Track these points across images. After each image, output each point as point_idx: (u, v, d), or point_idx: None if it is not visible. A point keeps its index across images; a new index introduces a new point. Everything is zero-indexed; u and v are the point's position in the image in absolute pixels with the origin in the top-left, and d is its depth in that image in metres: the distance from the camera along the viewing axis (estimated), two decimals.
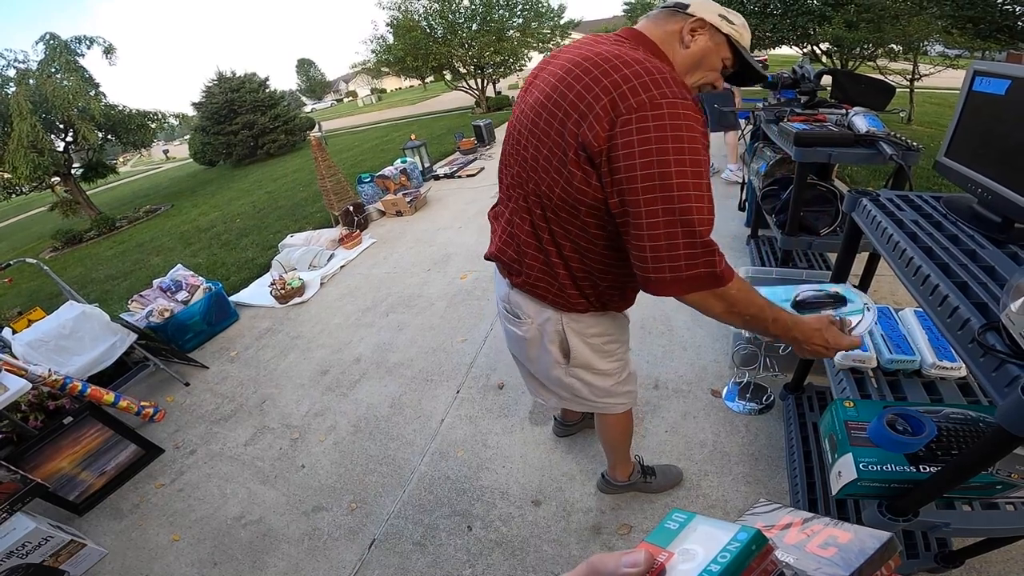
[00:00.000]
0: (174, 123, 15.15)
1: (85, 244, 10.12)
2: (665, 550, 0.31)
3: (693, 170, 0.89)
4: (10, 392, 2.25)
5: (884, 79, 2.56)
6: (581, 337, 1.30)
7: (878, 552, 0.33)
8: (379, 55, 15.96)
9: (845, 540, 0.34)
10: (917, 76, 8.25)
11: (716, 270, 0.94)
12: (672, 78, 0.92)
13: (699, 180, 0.90)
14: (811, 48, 10.03)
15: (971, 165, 1.13)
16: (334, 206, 5.62)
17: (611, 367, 1.40)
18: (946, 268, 0.94)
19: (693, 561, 0.30)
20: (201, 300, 3.74)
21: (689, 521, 0.33)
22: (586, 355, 1.34)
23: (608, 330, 1.33)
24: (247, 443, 2.63)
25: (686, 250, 0.92)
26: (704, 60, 1.07)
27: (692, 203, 0.90)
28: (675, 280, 0.95)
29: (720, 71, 1.10)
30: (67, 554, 2.05)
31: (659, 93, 0.89)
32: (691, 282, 0.95)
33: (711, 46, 1.06)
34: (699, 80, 1.10)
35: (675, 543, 0.32)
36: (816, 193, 2.42)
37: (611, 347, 1.36)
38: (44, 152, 10.80)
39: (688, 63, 1.07)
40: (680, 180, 0.89)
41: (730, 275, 0.97)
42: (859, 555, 0.33)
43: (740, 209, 4.09)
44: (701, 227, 0.91)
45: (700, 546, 0.31)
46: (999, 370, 0.69)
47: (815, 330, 1.06)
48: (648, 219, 0.92)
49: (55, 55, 11.96)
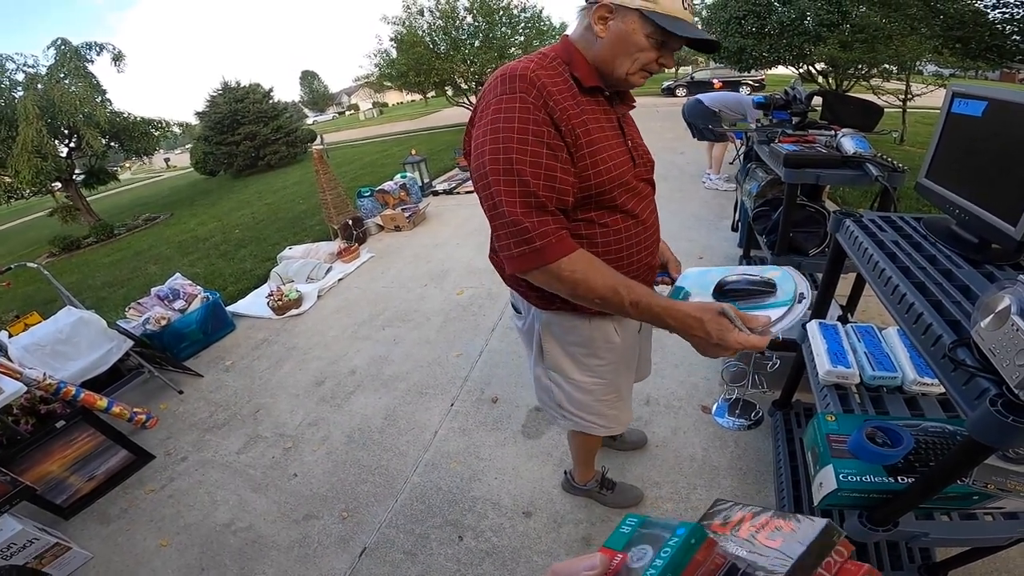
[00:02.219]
0: (177, 132, 15.28)
1: (83, 251, 10.13)
2: (620, 552, 0.34)
3: (503, 157, 0.97)
4: (4, 395, 2.23)
5: (873, 100, 2.64)
6: (558, 341, 1.33)
7: (817, 539, 0.34)
8: (382, 69, 16.15)
9: (788, 530, 0.36)
10: (910, 96, 8.40)
11: (535, 245, 0.98)
12: (519, 74, 1.00)
13: (507, 167, 0.97)
14: (806, 68, 10.23)
15: (950, 186, 1.17)
16: (333, 219, 5.66)
17: (588, 382, 1.38)
18: (922, 287, 0.97)
19: (644, 559, 0.32)
20: (198, 309, 3.76)
21: (640, 523, 0.36)
22: (560, 360, 1.35)
23: (588, 343, 1.31)
24: (239, 451, 2.63)
25: (506, 230, 1.00)
26: (623, 46, 1.02)
27: (501, 187, 0.98)
28: (509, 259, 1.02)
29: (658, 48, 1.02)
30: (51, 557, 2.04)
31: (494, 94, 1.01)
32: (521, 260, 1.00)
33: (625, 28, 1.00)
34: (632, 67, 1.04)
35: (628, 545, 0.35)
36: (805, 214, 2.47)
37: (590, 361, 1.35)
38: (48, 157, 10.85)
39: (607, 53, 1.04)
40: (492, 167, 0.98)
41: (557, 252, 0.99)
42: (801, 543, 0.35)
43: (733, 230, 4.15)
44: (510, 210, 0.98)
45: (650, 545, 0.33)
46: (969, 383, 0.73)
47: (695, 319, 0.96)
48: (483, 204, 1.04)
49: (65, 60, 12.07)
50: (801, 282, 1.07)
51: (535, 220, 0.98)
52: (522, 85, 0.99)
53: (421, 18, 14.99)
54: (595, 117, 1.07)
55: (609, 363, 1.36)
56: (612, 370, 1.38)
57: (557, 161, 1.00)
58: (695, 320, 0.96)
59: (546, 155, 0.99)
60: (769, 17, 9.90)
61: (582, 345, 1.32)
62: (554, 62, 1.05)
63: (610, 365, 1.37)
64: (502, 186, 0.98)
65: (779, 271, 1.12)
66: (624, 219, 1.15)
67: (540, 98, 0.99)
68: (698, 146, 6.30)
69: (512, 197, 0.98)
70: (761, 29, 10.11)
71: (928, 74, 9.27)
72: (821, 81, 10.13)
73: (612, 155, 1.09)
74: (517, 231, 0.98)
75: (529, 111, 0.98)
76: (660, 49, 1.03)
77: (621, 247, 1.16)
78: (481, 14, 14.69)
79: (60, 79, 11.85)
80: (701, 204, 5.19)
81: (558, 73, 1.04)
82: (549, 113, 0.99)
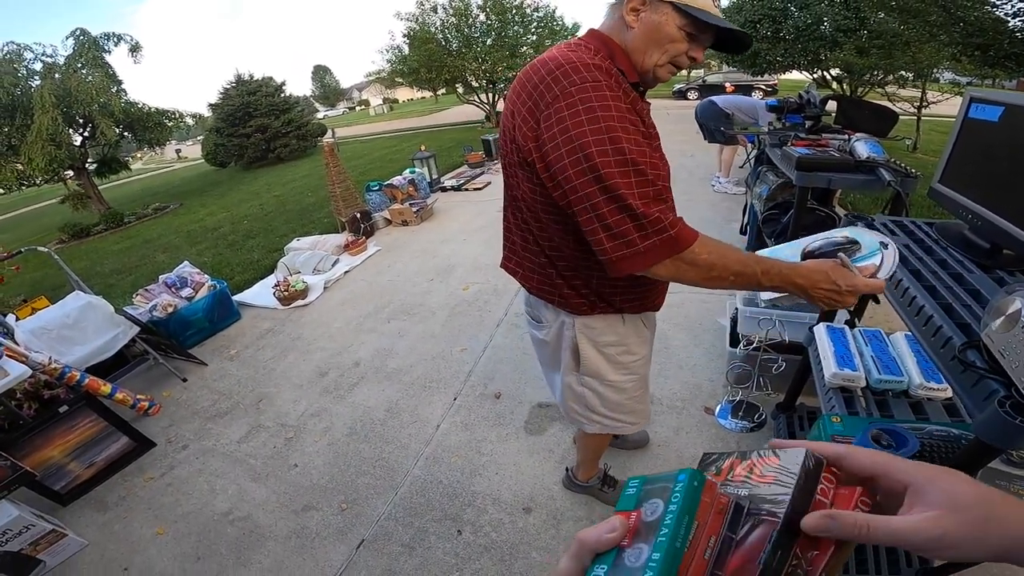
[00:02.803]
0: (190, 123, 15.38)
1: (92, 238, 10.24)
2: (632, 511, 0.36)
3: (614, 147, 0.91)
4: (10, 378, 2.24)
5: (888, 106, 2.61)
6: (594, 344, 1.30)
7: (803, 468, 0.36)
8: (394, 65, 16.20)
9: (775, 464, 0.38)
10: (925, 103, 8.32)
11: (669, 234, 0.93)
12: (584, 64, 0.95)
13: (620, 156, 0.91)
14: (821, 73, 10.15)
15: (963, 191, 1.15)
16: (341, 212, 5.68)
17: (624, 380, 1.37)
18: (933, 291, 0.97)
19: (656, 512, 0.34)
20: (205, 297, 3.78)
21: (643, 482, 0.38)
22: (597, 364, 1.33)
23: (623, 339, 1.30)
24: (241, 440, 2.64)
25: (631, 223, 0.93)
26: (655, 36, 1.00)
27: (618, 179, 0.91)
28: (635, 255, 0.94)
29: (688, 41, 1.01)
30: (46, 543, 2.03)
31: (568, 83, 0.94)
32: (650, 254, 0.94)
33: (657, 19, 0.99)
34: (662, 58, 1.03)
35: (639, 503, 0.36)
36: (816, 218, 2.45)
37: (626, 359, 1.33)
38: (62, 145, 10.96)
39: (638, 45, 1.02)
40: (602, 159, 0.91)
41: (689, 238, 0.95)
42: (791, 472, 0.36)
43: (741, 233, 4.13)
44: (632, 199, 0.91)
45: (658, 498, 0.35)
46: (978, 385, 0.72)
47: (821, 271, 0.97)
48: (589, 202, 0.95)
49: (83, 51, 12.19)
50: (877, 234, 1.08)
51: (662, 207, 0.94)
52: (599, 75, 0.95)
53: (434, 15, 15.03)
54: (640, 110, 1.05)
55: (641, 356, 1.37)
56: (643, 363, 1.40)
57: (651, 149, 0.98)
58: (821, 274, 0.96)
59: (645, 143, 0.96)
60: (785, 22, 9.83)
61: (617, 344, 1.31)
62: (598, 55, 1.02)
63: (642, 359, 1.38)
64: (619, 177, 0.91)
65: (849, 230, 1.12)
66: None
67: (619, 86, 0.96)
68: (707, 149, 6.27)
69: (631, 188, 0.91)
70: (776, 33, 10.04)
71: (945, 82, 9.18)
72: (835, 87, 10.05)
73: (655, 147, 1.07)
74: (647, 222, 0.92)
75: (620, 99, 0.95)
76: (690, 42, 1.01)
77: None
78: (494, 12, 14.71)
79: (77, 69, 11.97)
80: (709, 207, 5.17)
81: (610, 65, 1.01)
82: (630, 102, 0.98)
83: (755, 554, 0.33)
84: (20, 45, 11.76)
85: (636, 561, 0.32)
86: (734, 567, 0.33)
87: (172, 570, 1.97)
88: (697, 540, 0.33)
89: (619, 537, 0.34)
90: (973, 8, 5.74)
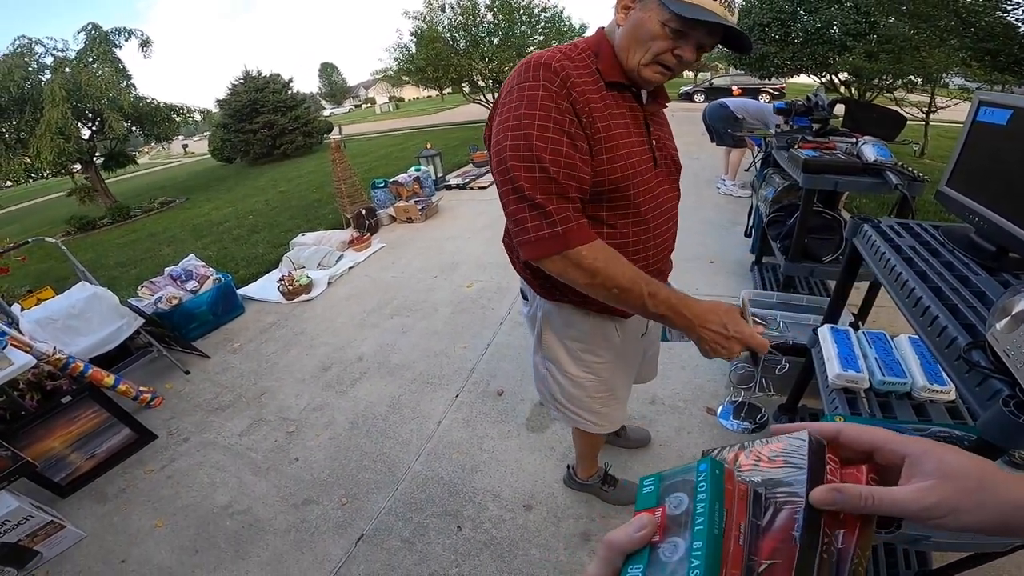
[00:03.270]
0: (198, 118, 15.44)
1: (98, 231, 10.28)
2: (655, 508, 0.35)
3: (524, 143, 0.97)
4: (14, 367, 2.22)
5: (897, 110, 2.60)
6: (557, 333, 1.34)
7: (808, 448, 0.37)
8: (401, 63, 16.21)
9: (781, 449, 0.39)
10: (933, 109, 8.28)
11: (557, 229, 0.97)
12: (537, 64, 1.00)
13: (528, 152, 0.96)
14: (830, 77, 10.11)
15: (970, 194, 1.15)
16: (347, 208, 5.70)
17: (583, 377, 1.38)
18: (938, 291, 0.96)
19: (683, 505, 0.34)
20: (210, 291, 3.79)
21: (659, 479, 0.37)
22: (556, 350, 1.36)
23: (586, 337, 1.31)
24: (242, 434, 2.65)
25: (528, 213, 0.98)
26: (638, 32, 0.98)
27: (521, 172, 0.97)
28: (527, 243, 1.00)
29: (674, 38, 0.96)
30: (44, 535, 2.03)
31: (517, 82, 1.01)
32: (539, 245, 0.99)
33: (642, 15, 0.97)
34: (645, 57, 1.00)
35: (660, 499, 0.36)
36: (821, 221, 2.45)
37: (587, 357, 1.35)
38: (70, 139, 11.03)
39: (623, 43, 1.02)
40: (512, 152, 0.98)
41: (579, 239, 0.98)
42: (800, 456, 0.37)
43: (746, 235, 4.12)
44: (531, 194, 0.97)
45: (681, 492, 0.35)
46: (982, 384, 0.72)
47: (713, 311, 0.98)
48: (500, 189, 1.04)
49: (95, 45, 12.27)
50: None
51: (556, 206, 0.97)
52: (546, 74, 0.98)
53: (442, 14, 15.03)
54: (619, 112, 1.06)
55: (605, 361, 1.37)
56: (608, 368, 1.38)
57: (576, 151, 0.99)
58: (713, 313, 0.97)
59: (566, 143, 0.98)
60: (794, 25, 9.79)
61: (580, 340, 1.32)
62: (582, 53, 1.04)
63: (606, 364, 1.37)
64: (522, 172, 0.97)
65: None
66: (634, 224, 1.13)
67: (563, 87, 0.98)
68: (712, 151, 6.25)
69: (533, 183, 0.97)
70: (785, 37, 10.00)
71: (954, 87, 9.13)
72: (844, 91, 10.00)
73: (631, 152, 1.07)
74: (539, 214, 0.97)
75: (552, 99, 0.97)
76: (677, 39, 0.96)
77: (626, 252, 1.12)
78: (501, 12, 14.70)
79: (88, 63, 12.04)
80: (714, 209, 5.16)
81: (585, 65, 1.03)
82: (572, 103, 0.99)
83: (785, 536, 0.33)
84: (32, 39, 11.84)
85: (673, 555, 0.32)
86: (768, 551, 0.33)
87: (169, 562, 1.97)
88: (729, 528, 0.33)
89: (650, 534, 0.33)
90: (984, 13, 5.71)
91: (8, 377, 2.21)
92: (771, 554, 0.33)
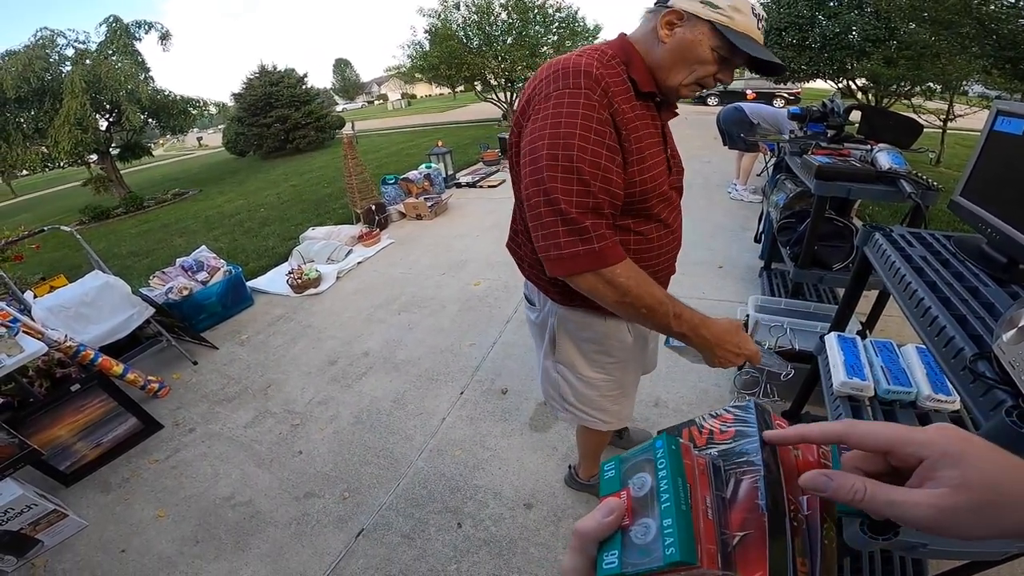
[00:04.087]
0: (214, 111, 15.61)
1: (112, 220, 10.42)
2: (620, 492, 0.35)
3: (564, 154, 0.94)
4: (25, 354, 2.21)
5: (914, 118, 2.57)
6: (571, 336, 1.34)
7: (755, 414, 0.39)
8: (414, 61, 16.27)
9: (731, 419, 0.40)
10: (952, 116, 8.17)
11: (594, 246, 0.96)
12: (577, 70, 0.97)
13: (568, 163, 0.94)
14: (847, 83, 10.00)
15: (984, 205, 1.14)
16: (357, 204, 5.72)
17: (597, 378, 1.39)
18: (947, 302, 0.96)
19: (646, 485, 0.34)
20: (220, 282, 3.83)
21: (620, 462, 0.38)
22: (571, 355, 1.36)
23: (602, 339, 1.32)
24: (247, 425, 2.67)
25: (562, 227, 0.96)
26: (686, 54, 0.99)
27: (558, 183, 0.95)
28: (559, 259, 0.98)
29: (719, 63, 1.00)
30: (46, 523, 2.03)
31: (554, 87, 0.97)
32: (572, 261, 0.97)
33: (691, 37, 0.97)
34: (688, 78, 1.02)
35: (623, 482, 0.36)
36: (832, 228, 2.43)
37: (601, 358, 1.36)
38: (88, 130, 11.20)
39: (666, 60, 1.01)
40: (549, 162, 0.95)
41: (613, 257, 0.98)
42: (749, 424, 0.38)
43: (756, 241, 4.09)
44: (567, 207, 0.95)
45: (643, 472, 0.35)
46: (987, 395, 0.72)
47: (730, 331, 1.07)
48: (529, 201, 1.00)
49: (115, 37, 12.44)
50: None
51: (593, 221, 0.96)
52: (587, 82, 0.96)
53: (456, 12, 15.06)
54: (646, 123, 1.05)
55: (619, 360, 1.38)
56: (621, 367, 1.40)
57: (614, 164, 0.99)
58: (730, 333, 1.06)
59: (605, 156, 0.97)
60: (812, 30, 9.69)
61: (595, 342, 1.33)
62: (612, 61, 1.02)
63: (620, 363, 1.39)
64: (559, 183, 0.95)
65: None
66: (658, 228, 1.16)
67: (604, 97, 0.97)
68: (724, 155, 6.22)
69: (569, 196, 0.95)
70: (802, 42, 9.89)
71: (973, 95, 9.00)
72: (860, 97, 9.89)
73: (655, 163, 1.08)
74: (576, 229, 0.95)
75: (594, 109, 0.95)
76: (720, 64, 1.00)
77: (651, 255, 1.17)
78: (516, 11, 14.70)
79: (108, 55, 12.20)
80: (724, 214, 5.13)
81: (617, 73, 1.01)
82: (612, 114, 0.98)
83: (751, 506, 0.33)
84: (54, 31, 12.01)
85: (646, 536, 0.32)
86: (737, 523, 0.33)
87: (169, 552, 1.99)
88: (695, 503, 0.33)
89: (618, 519, 0.33)
90: (1007, 21, 5.63)
91: (19, 364, 2.20)
92: (741, 525, 0.33)
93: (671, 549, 0.30)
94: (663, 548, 0.30)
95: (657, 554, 0.30)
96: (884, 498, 0.33)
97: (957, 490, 0.32)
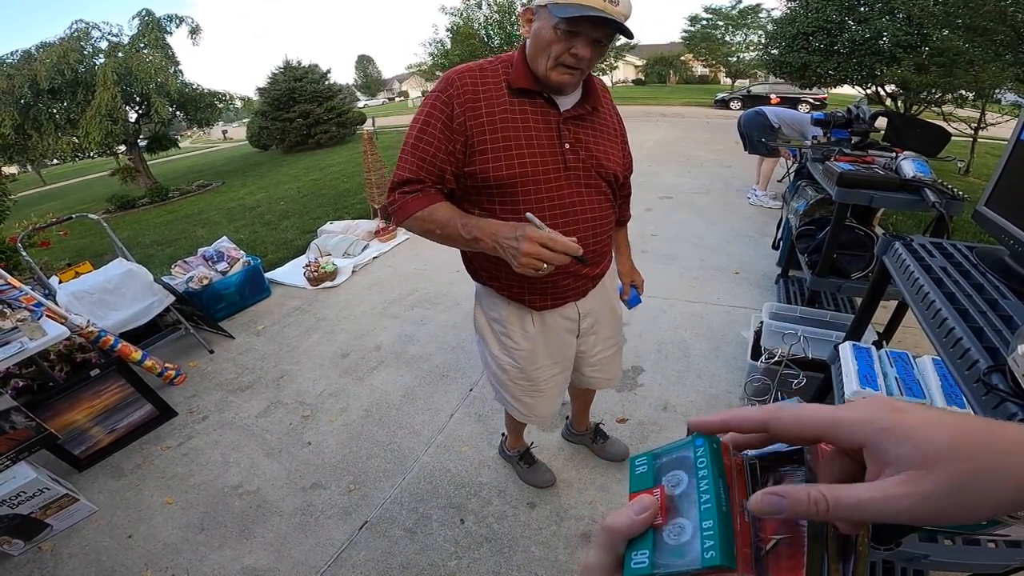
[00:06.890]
0: (239, 105, 15.86)
1: (137, 210, 10.66)
2: (653, 489, 0.34)
3: (409, 135, 1.19)
4: (48, 337, 2.24)
5: (943, 125, 2.51)
6: (484, 312, 1.48)
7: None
8: (436, 58, 16.38)
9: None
10: (983, 125, 7.95)
11: (395, 204, 1.19)
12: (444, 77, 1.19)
13: (408, 141, 1.18)
14: (875, 89, 9.79)
15: (1008, 216, 1.10)
16: (375, 199, 5.77)
17: (505, 361, 1.48)
18: (964, 313, 0.93)
19: (683, 483, 0.33)
20: (239, 273, 3.89)
21: (651, 457, 0.36)
22: (484, 330, 1.50)
23: (504, 321, 1.41)
24: (259, 415, 2.71)
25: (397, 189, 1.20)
26: (539, 40, 1.09)
27: (402, 156, 1.19)
28: (393, 211, 1.21)
29: (568, 39, 1.05)
30: (56, 508, 2.03)
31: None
32: (398, 212, 1.19)
33: (539, 24, 1.09)
34: (549, 62, 1.09)
35: (656, 479, 0.35)
36: (853, 236, 2.38)
37: (506, 341, 1.45)
38: (118, 121, 11.47)
39: (532, 52, 1.13)
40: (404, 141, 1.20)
41: (409, 209, 1.17)
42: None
43: (774, 247, 4.03)
44: (398, 175, 1.19)
45: (678, 470, 0.34)
46: (998, 408, 0.70)
47: (502, 225, 1.08)
48: None
49: (147, 31, 12.70)
50: None
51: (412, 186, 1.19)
52: (441, 84, 1.16)
53: (478, 11, 15.12)
54: (522, 117, 1.15)
55: (523, 349, 1.44)
56: (526, 357, 1.46)
57: (437, 150, 1.16)
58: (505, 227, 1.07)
59: (428, 141, 1.16)
60: (840, 35, 9.50)
61: (500, 322, 1.43)
62: (499, 65, 1.18)
63: (524, 352, 1.45)
64: (402, 155, 1.19)
65: None
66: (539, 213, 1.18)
67: (449, 95, 1.14)
68: (745, 161, 6.14)
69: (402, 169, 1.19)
70: (830, 46, 9.72)
71: (1006, 103, 8.74)
72: (889, 103, 9.68)
73: (529, 154, 1.15)
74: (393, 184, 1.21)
75: (436, 107, 1.15)
76: (570, 39, 1.06)
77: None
78: None
79: (140, 48, 12.47)
80: (743, 219, 5.06)
81: (495, 75, 1.16)
82: (451, 109, 1.13)
83: None
84: (89, 23, 12.32)
85: (680, 536, 0.30)
86: (773, 526, 0.32)
87: (175, 539, 2.01)
88: (733, 505, 0.32)
89: (652, 516, 0.32)
90: None
91: (42, 347, 2.23)
92: (776, 529, 0.32)
93: (711, 552, 0.28)
94: (701, 550, 0.29)
95: (693, 556, 0.29)
96: (851, 501, 0.28)
97: (923, 469, 0.27)
